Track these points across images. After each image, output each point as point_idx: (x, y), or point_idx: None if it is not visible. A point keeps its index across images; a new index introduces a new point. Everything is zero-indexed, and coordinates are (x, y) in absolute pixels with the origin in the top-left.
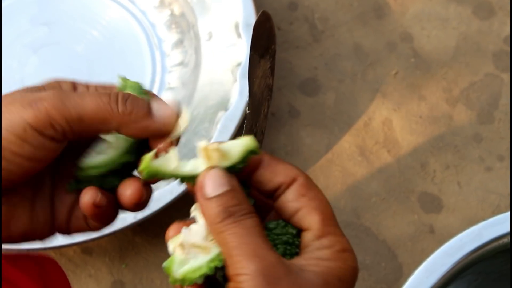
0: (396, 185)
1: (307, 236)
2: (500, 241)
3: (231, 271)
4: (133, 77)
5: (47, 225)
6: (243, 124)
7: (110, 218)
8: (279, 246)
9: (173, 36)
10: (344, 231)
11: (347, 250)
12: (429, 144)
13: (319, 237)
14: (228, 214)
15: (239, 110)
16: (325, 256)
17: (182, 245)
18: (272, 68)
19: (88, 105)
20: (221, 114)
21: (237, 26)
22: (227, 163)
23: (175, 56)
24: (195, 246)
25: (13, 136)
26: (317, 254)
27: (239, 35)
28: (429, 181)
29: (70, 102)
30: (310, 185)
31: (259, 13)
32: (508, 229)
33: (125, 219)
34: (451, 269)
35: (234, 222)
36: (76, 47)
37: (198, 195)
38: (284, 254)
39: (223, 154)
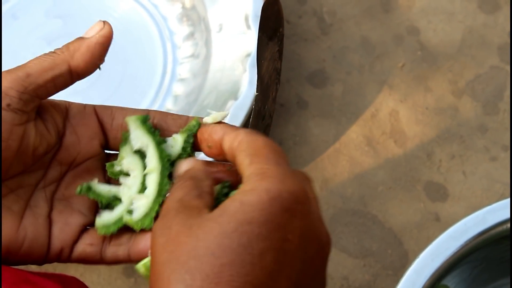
0: (402, 174)
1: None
2: (504, 226)
3: None
4: (145, 69)
5: (39, 244)
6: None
7: None
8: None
9: (185, 29)
10: (351, 219)
11: (268, 176)
12: (435, 134)
13: (246, 177)
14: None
15: (249, 99)
16: (240, 189)
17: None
18: (280, 52)
19: (32, 62)
20: (231, 103)
21: (246, 18)
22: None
23: (186, 48)
24: None
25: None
26: (236, 192)
27: (248, 27)
28: (435, 171)
29: (15, 69)
30: (249, 138)
31: None
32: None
33: None
34: (456, 253)
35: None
36: None
37: None
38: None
39: None
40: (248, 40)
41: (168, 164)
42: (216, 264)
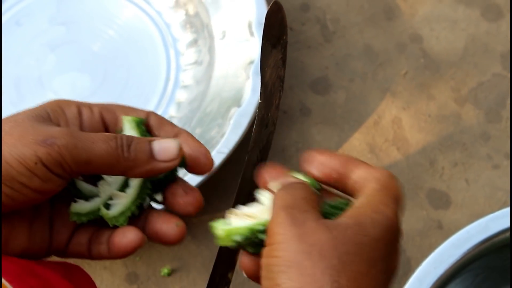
0: (405, 181)
1: (358, 198)
2: (507, 234)
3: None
4: (148, 76)
5: (44, 246)
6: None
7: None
8: (325, 215)
9: (188, 36)
10: None
11: (390, 207)
12: (437, 142)
13: (367, 195)
14: (283, 187)
15: (252, 106)
16: (363, 205)
17: (235, 213)
18: (283, 60)
19: (97, 150)
20: (234, 110)
21: (250, 25)
22: None
23: (190, 55)
24: (246, 215)
25: (23, 168)
26: (358, 207)
27: (252, 34)
28: (438, 178)
29: (81, 145)
30: (390, 179)
31: (271, 3)
32: None
33: None
34: (458, 260)
35: (284, 188)
36: (92, 46)
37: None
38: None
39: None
40: (251, 47)
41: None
42: (355, 270)
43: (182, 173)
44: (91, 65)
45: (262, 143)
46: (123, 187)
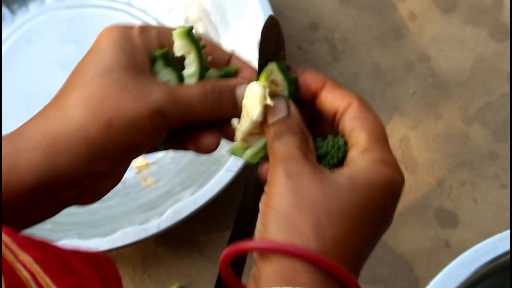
0: (413, 200)
1: (353, 152)
2: None
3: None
4: None
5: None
6: None
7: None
8: (320, 156)
9: None
10: None
11: (387, 163)
12: (445, 161)
13: (363, 152)
14: (277, 136)
15: None
16: (360, 165)
17: (243, 138)
18: None
19: (196, 112)
20: None
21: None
22: (283, 89)
23: None
24: (252, 134)
25: (138, 133)
26: (357, 165)
27: None
28: (446, 197)
29: (182, 109)
30: (364, 108)
31: (267, 18)
32: None
33: (147, 229)
34: (467, 280)
35: (279, 139)
36: None
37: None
38: (325, 164)
39: (275, 82)
40: None
41: (206, 69)
42: (343, 227)
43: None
44: None
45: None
46: None
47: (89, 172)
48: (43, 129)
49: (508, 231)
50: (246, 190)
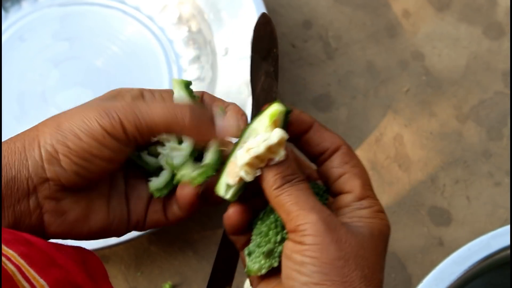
0: (406, 198)
1: (348, 198)
2: (508, 251)
3: (291, 225)
4: None
5: (124, 220)
6: None
7: (197, 208)
8: None
9: (191, 52)
10: None
11: (382, 211)
12: (439, 159)
13: (360, 198)
14: (286, 180)
15: None
16: (365, 215)
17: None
18: (276, 72)
19: (156, 115)
20: None
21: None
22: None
23: (192, 71)
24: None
25: (93, 141)
26: (358, 213)
27: None
28: (439, 195)
29: (141, 112)
30: (352, 154)
31: (259, 15)
32: None
33: None
34: (460, 278)
35: (291, 186)
36: (95, 62)
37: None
38: None
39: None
40: None
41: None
42: (378, 279)
43: None
44: (94, 81)
45: None
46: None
47: (46, 178)
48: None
49: (501, 229)
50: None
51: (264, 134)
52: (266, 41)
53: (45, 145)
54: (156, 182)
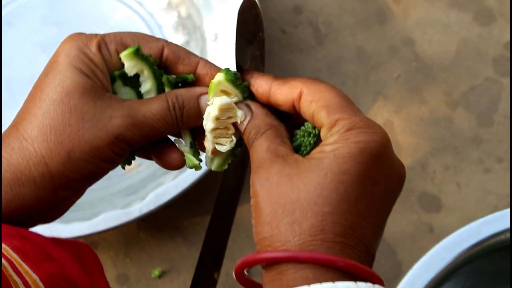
0: None
1: (322, 133)
2: (498, 238)
3: None
4: None
5: None
6: None
7: None
8: (296, 147)
9: (180, 38)
10: None
11: (353, 127)
12: (429, 145)
13: (329, 128)
14: (249, 142)
15: None
16: (328, 142)
17: (212, 150)
18: (262, 57)
19: (156, 128)
20: None
21: None
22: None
23: None
24: (219, 141)
25: (105, 163)
26: (323, 143)
27: None
28: (429, 182)
29: (143, 129)
30: (314, 88)
31: None
32: (506, 226)
33: (130, 213)
34: (449, 264)
35: (251, 146)
36: None
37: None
38: (301, 154)
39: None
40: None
41: (162, 80)
42: (319, 213)
43: None
44: None
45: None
46: None
47: (54, 201)
48: (7, 162)
49: (491, 216)
50: (226, 173)
51: (209, 107)
52: (251, 24)
53: (58, 174)
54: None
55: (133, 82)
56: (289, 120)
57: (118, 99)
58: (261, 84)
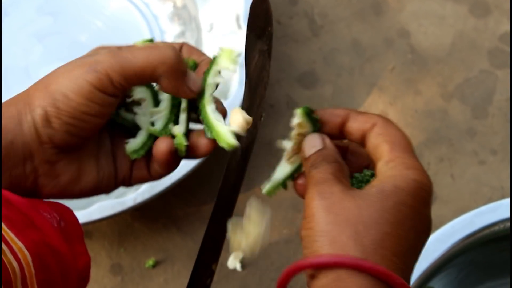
0: None
1: (379, 165)
2: (492, 229)
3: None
4: None
5: (112, 178)
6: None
7: (175, 165)
8: (354, 185)
9: (175, 28)
10: None
11: (412, 167)
12: (424, 137)
13: (387, 162)
14: (314, 166)
15: (239, 99)
16: (386, 174)
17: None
18: (269, 51)
19: (141, 59)
20: None
21: (237, 18)
22: (309, 129)
23: None
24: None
25: (82, 98)
26: (381, 175)
27: (239, 26)
28: None
29: (125, 60)
30: (387, 124)
31: None
32: (500, 217)
33: (124, 203)
34: (443, 255)
35: (314, 168)
36: (80, 37)
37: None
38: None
39: (302, 124)
40: (238, 40)
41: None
42: (380, 232)
43: None
44: (78, 56)
45: (248, 135)
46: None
47: (41, 142)
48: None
49: (485, 207)
50: (229, 165)
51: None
52: (261, 19)
53: (36, 109)
54: (133, 144)
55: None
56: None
57: None
58: (338, 113)
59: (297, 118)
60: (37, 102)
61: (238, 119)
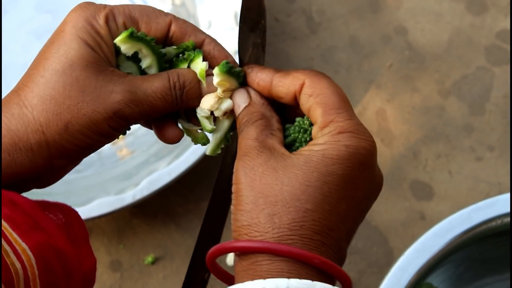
0: (389, 172)
1: (314, 130)
2: (489, 224)
3: None
4: None
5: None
6: None
7: None
8: (289, 143)
9: None
10: None
11: (345, 131)
12: (421, 134)
13: (322, 128)
14: (240, 128)
15: None
16: (318, 142)
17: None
18: (263, 45)
19: (156, 106)
20: None
21: (235, 15)
22: (234, 84)
23: None
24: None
25: (101, 137)
26: (314, 142)
27: (237, 23)
28: (421, 170)
29: (143, 106)
30: (315, 82)
31: None
32: (497, 213)
33: (123, 200)
34: (440, 251)
35: (240, 133)
36: None
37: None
38: (295, 150)
39: (223, 82)
40: (237, 36)
41: (162, 55)
42: (301, 209)
43: None
44: None
45: None
46: None
47: (49, 169)
48: (6, 127)
49: (482, 203)
50: (224, 160)
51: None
52: (254, 12)
53: (54, 144)
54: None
55: (135, 57)
56: (284, 114)
57: (120, 74)
58: (262, 78)
59: (216, 77)
60: (55, 137)
61: (207, 101)
